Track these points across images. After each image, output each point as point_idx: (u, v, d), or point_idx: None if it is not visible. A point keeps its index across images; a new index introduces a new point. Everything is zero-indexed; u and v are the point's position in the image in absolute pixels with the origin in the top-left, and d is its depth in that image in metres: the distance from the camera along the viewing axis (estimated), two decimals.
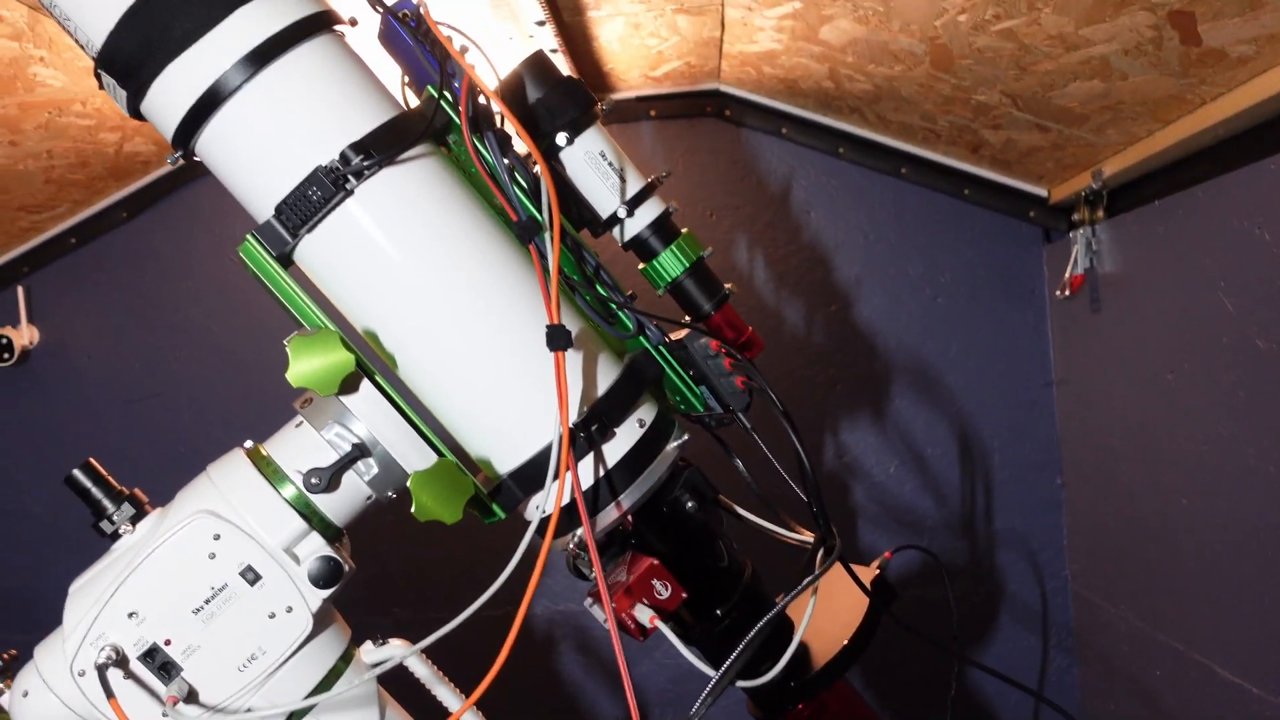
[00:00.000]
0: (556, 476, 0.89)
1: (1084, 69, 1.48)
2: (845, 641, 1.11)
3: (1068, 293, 1.89)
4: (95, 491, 0.94)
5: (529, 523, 1.05)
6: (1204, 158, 1.51)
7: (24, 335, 2.27)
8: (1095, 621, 1.98)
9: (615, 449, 1.00)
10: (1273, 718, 1.37)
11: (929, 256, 2.20)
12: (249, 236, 0.93)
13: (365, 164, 0.90)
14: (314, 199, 0.90)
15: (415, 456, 0.94)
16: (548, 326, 0.92)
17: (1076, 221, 2.01)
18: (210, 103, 0.89)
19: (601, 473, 0.96)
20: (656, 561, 0.96)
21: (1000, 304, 2.18)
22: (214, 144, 0.93)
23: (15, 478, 2.34)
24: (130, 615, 0.86)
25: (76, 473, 0.94)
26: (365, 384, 0.93)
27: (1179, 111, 1.53)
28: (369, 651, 1.00)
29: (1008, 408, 2.17)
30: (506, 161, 0.95)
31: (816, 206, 2.21)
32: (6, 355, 2.20)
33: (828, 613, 1.15)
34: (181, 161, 0.97)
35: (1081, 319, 1.96)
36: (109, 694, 0.81)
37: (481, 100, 0.99)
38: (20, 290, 2.29)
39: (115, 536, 0.93)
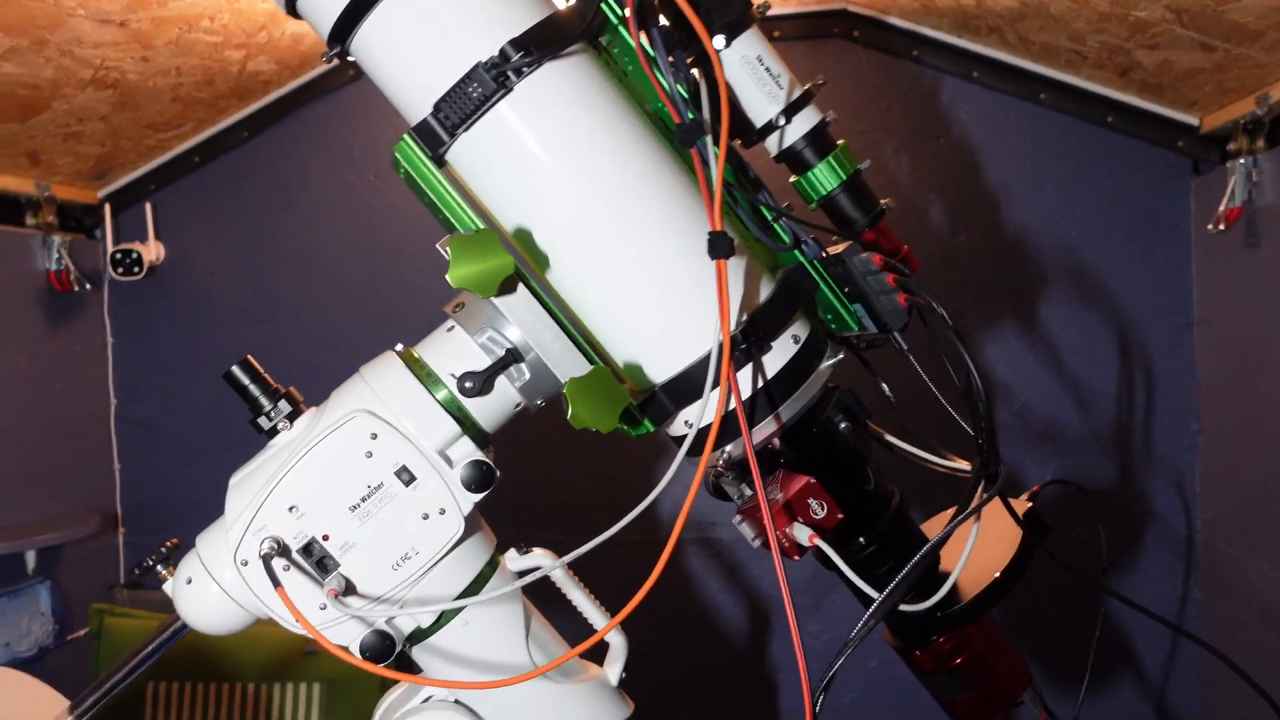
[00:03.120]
0: (716, 385, 0.86)
1: None
2: (996, 574, 1.06)
3: (1222, 226, 1.77)
4: (253, 388, 0.94)
5: (673, 437, 1.03)
6: None
7: (151, 251, 2.33)
8: (1223, 574, 1.90)
9: (771, 363, 0.96)
10: None
11: (1066, 187, 2.09)
12: (406, 136, 0.91)
13: (526, 60, 0.87)
14: (474, 96, 0.87)
15: (569, 363, 0.92)
16: (710, 233, 0.88)
17: (1233, 151, 1.88)
18: None
19: (759, 385, 0.93)
20: (814, 480, 0.93)
21: (1142, 239, 2.07)
22: (373, 39, 0.91)
23: (143, 390, 2.43)
24: (290, 509, 0.87)
25: (235, 369, 0.95)
26: (521, 288, 0.91)
27: None
28: (513, 559, 1.00)
29: (1145, 348, 2.06)
30: (671, 60, 0.91)
31: (947, 134, 2.11)
32: (137, 269, 2.27)
33: (989, 547, 1.10)
34: (336, 61, 0.96)
35: (1234, 256, 1.84)
36: (275, 583, 0.82)
37: None
38: (148, 206, 2.35)
39: (273, 432, 0.94)
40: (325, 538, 0.88)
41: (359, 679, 1.99)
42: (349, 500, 0.88)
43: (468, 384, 0.90)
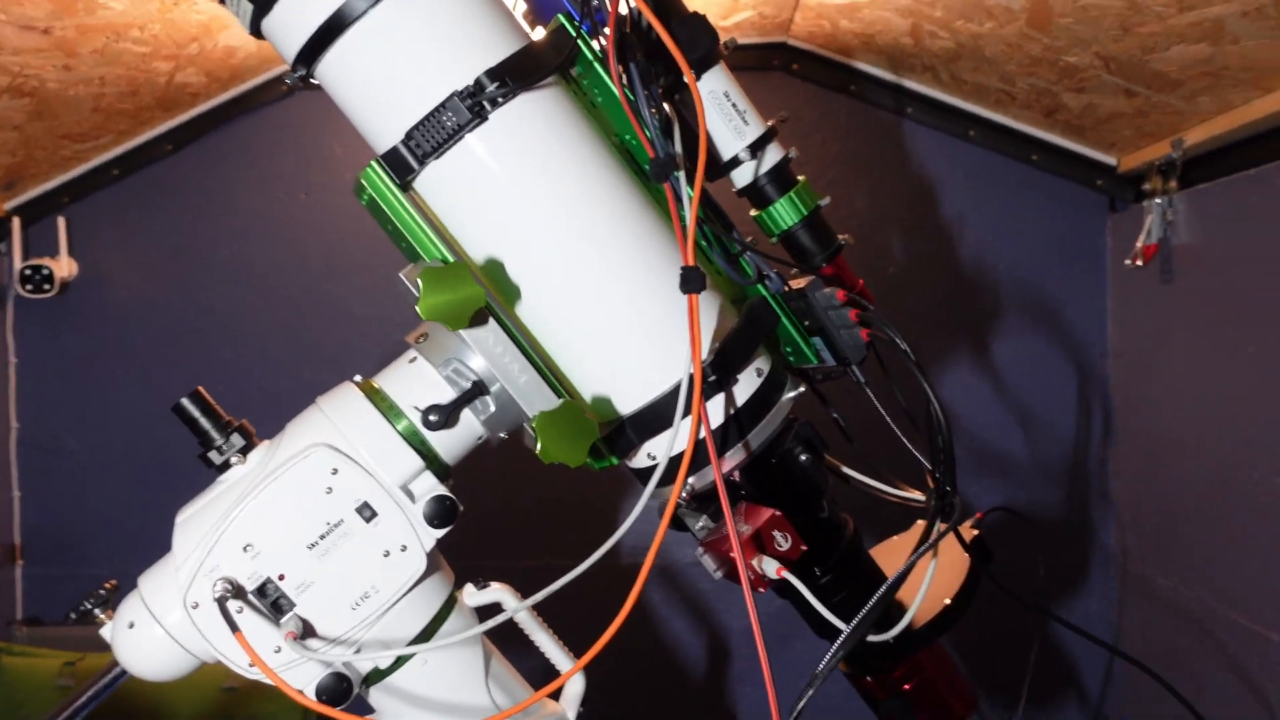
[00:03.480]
0: (686, 415, 0.86)
1: (1193, 31, 1.43)
2: (947, 602, 1.08)
3: (1140, 262, 1.85)
4: (203, 421, 0.90)
5: (634, 470, 1.02)
6: None
7: (63, 267, 2.22)
8: (1142, 589, 1.97)
9: (737, 395, 0.97)
10: None
11: (994, 222, 2.16)
12: (373, 163, 0.89)
13: (501, 91, 0.86)
14: (448, 125, 0.86)
15: (535, 396, 0.90)
16: (683, 268, 0.88)
17: (1148, 191, 1.97)
18: (342, 21, 0.84)
19: (727, 416, 0.93)
20: (779, 512, 0.93)
21: (1063, 273, 2.15)
22: (341, 65, 0.88)
23: (49, 413, 2.30)
24: (245, 548, 0.83)
25: (185, 402, 0.91)
26: (490, 320, 0.89)
27: None
28: (471, 594, 0.98)
29: (1066, 378, 2.14)
30: (647, 94, 0.91)
31: (880, 166, 2.17)
32: (47, 286, 2.16)
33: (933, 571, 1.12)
34: (299, 84, 0.93)
35: (1149, 290, 1.92)
36: (234, 627, 0.78)
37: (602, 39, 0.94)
38: (61, 220, 2.24)
39: (224, 467, 0.90)
40: (281, 577, 0.85)
41: (284, 714, 1.91)
42: (307, 538, 0.85)
43: (432, 417, 0.88)
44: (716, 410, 0.96)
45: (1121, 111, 1.84)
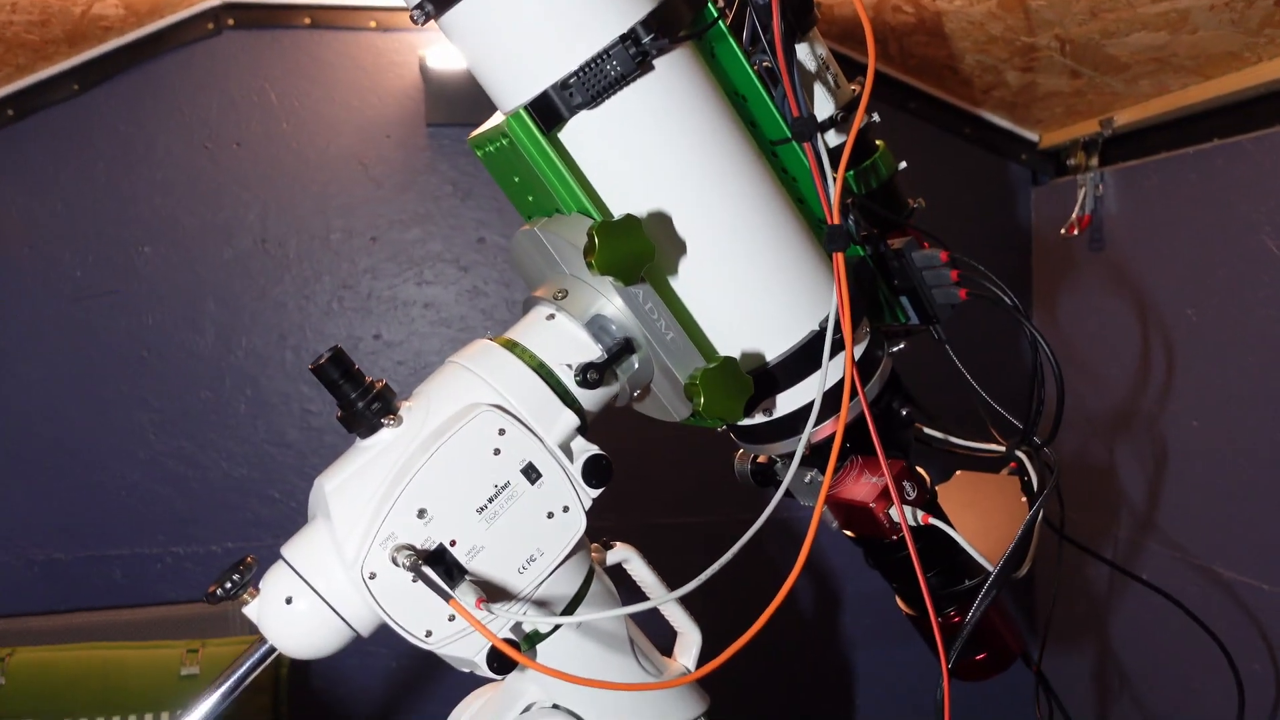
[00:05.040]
0: (839, 365, 0.89)
1: (1158, 20, 1.57)
2: (1010, 547, 1.17)
3: (1075, 232, 2.02)
4: (345, 384, 0.84)
5: (744, 427, 1.04)
6: (1246, 111, 1.64)
7: None
8: (1077, 536, 2.17)
9: (855, 352, 1.00)
10: (1274, 607, 1.57)
11: (928, 191, 2.28)
12: (522, 110, 0.85)
13: (657, 43, 0.85)
14: (611, 74, 0.84)
15: (681, 354, 0.90)
16: (829, 226, 0.91)
17: (1071, 167, 2.15)
18: None
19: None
20: (904, 463, 0.98)
21: (991, 242, 2.31)
22: (489, 7, 0.84)
23: None
24: (420, 514, 0.79)
25: (326, 363, 0.84)
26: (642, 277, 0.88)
27: (1226, 68, 1.66)
28: (608, 555, 0.98)
29: (991, 344, 2.31)
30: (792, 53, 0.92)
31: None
32: None
33: (976, 518, 1.20)
34: (423, 22, 0.87)
35: (1079, 258, 2.10)
36: (445, 595, 0.75)
37: None
38: None
39: (371, 430, 0.85)
40: (453, 543, 0.81)
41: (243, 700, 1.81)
42: (477, 502, 0.82)
43: (590, 374, 0.86)
44: (838, 367, 0.99)
45: (1060, 91, 1.98)
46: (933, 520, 0.96)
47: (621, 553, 1.00)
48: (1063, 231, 2.03)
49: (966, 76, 2.11)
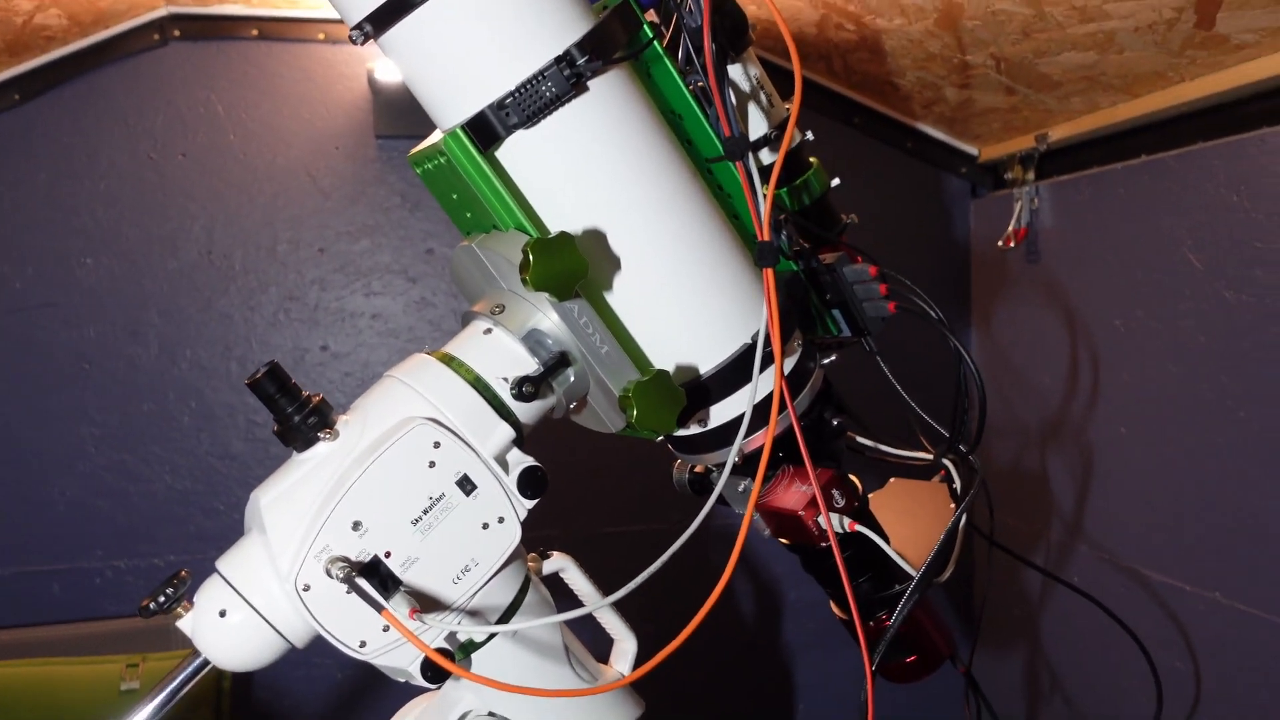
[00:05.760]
0: (768, 379, 0.91)
1: (1086, 40, 1.63)
2: (933, 553, 1.20)
3: (1011, 244, 2.08)
4: (281, 399, 0.85)
5: (679, 437, 1.07)
6: (1170, 129, 1.70)
7: None
8: (1007, 540, 2.22)
9: (785, 365, 1.03)
10: (1203, 609, 1.62)
11: (869, 204, 2.33)
12: (459, 130, 0.87)
13: (592, 65, 0.87)
14: (546, 94, 0.86)
15: (616, 367, 0.92)
16: (760, 243, 0.94)
17: (1009, 180, 2.21)
18: None
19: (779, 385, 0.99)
20: (834, 472, 1.01)
21: (930, 252, 2.36)
22: (422, 30, 0.86)
23: None
24: (355, 526, 0.80)
25: (262, 378, 0.85)
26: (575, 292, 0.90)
27: (1152, 87, 1.72)
28: (544, 564, 0.99)
29: (932, 351, 2.36)
30: (719, 73, 0.95)
31: None
32: None
33: (910, 524, 1.24)
34: (362, 42, 0.89)
35: (1016, 269, 2.16)
36: (378, 607, 0.76)
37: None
38: None
39: (307, 444, 0.86)
40: (387, 554, 0.83)
41: (184, 713, 1.79)
42: (411, 514, 0.83)
43: (526, 388, 0.88)
44: (768, 380, 1.02)
45: (996, 107, 2.04)
46: (859, 527, 0.98)
47: (558, 562, 1.02)
48: (1000, 244, 2.09)
49: (908, 92, 2.16)
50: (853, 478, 1.19)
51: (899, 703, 1.55)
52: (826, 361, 1.10)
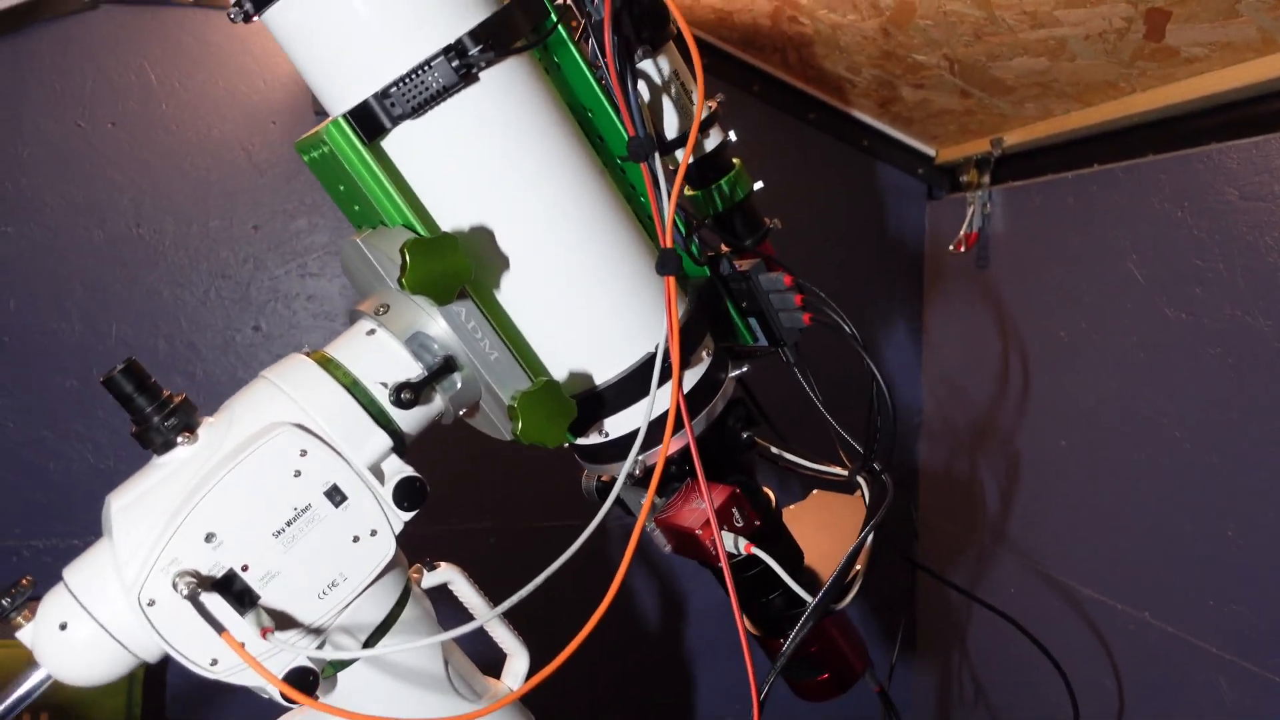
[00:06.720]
0: (668, 388, 0.87)
1: (1038, 46, 1.59)
2: (831, 579, 1.17)
3: (963, 248, 2.04)
4: (139, 399, 0.80)
5: (582, 446, 1.02)
6: (1121, 140, 1.67)
7: None
8: (941, 551, 2.21)
9: (691, 375, 0.99)
10: (1133, 629, 1.61)
11: (823, 200, 2.30)
12: (340, 118, 0.82)
13: (485, 56, 0.82)
14: (432, 86, 0.81)
15: (505, 374, 0.88)
16: (662, 251, 0.90)
17: (965, 184, 2.17)
18: None
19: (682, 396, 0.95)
20: (737, 489, 0.97)
21: (883, 251, 2.33)
22: (305, 10, 0.81)
23: None
24: (208, 538, 0.76)
25: (117, 375, 0.80)
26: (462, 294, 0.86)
27: (1104, 97, 1.69)
28: (425, 577, 0.95)
29: (883, 351, 2.34)
30: (626, 70, 0.90)
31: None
32: None
33: (828, 538, 1.21)
34: (241, 21, 0.84)
35: (966, 274, 2.13)
36: (219, 627, 0.71)
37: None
38: None
39: (166, 448, 0.81)
40: (245, 568, 0.78)
41: (93, 700, 1.75)
42: (273, 525, 0.79)
43: (405, 394, 0.84)
44: (668, 391, 0.98)
45: (952, 109, 2.00)
46: (755, 550, 0.95)
47: (445, 574, 0.98)
48: (950, 248, 2.06)
49: (865, 90, 2.12)
50: (766, 490, 1.16)
51: None
52: (736, 373, 1.06)
